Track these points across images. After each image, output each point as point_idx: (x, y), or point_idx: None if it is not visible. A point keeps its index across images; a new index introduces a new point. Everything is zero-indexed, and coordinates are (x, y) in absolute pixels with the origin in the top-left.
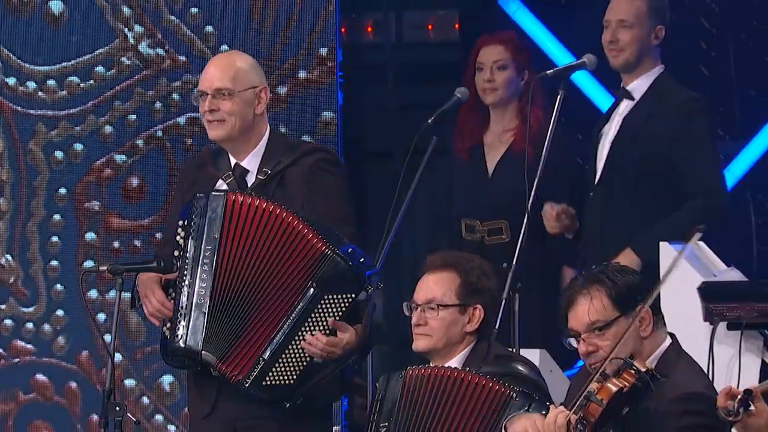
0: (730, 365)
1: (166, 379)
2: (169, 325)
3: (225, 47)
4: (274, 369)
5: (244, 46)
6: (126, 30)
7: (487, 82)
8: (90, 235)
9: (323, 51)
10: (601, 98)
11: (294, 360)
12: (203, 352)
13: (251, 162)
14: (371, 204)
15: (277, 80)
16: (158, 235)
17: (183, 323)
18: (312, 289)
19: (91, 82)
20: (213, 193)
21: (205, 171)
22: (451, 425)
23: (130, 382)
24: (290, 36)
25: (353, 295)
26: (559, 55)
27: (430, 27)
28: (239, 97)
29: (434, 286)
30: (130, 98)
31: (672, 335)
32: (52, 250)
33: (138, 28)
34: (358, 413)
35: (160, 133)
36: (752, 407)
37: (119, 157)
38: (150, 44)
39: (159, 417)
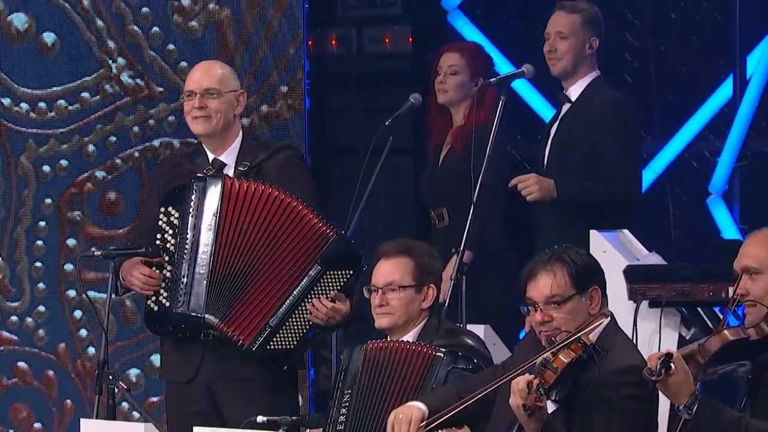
0: (651, 338)
1: (133, 372)
2: (154, 298)
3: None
4: (278, 335)
5: None
6: (110, 61)
7: (440, 84)
8: (71, 241)
9: (284, 89)
10: (538, 104)
11: (296, 328)
12: (206, 315)
13: (228, 157)
14: (335, 196)
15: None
16: (128, 242)
17: (184, 291)
18: (317, 266)
19: (78, 105)
20: (210, 177)
21: (182, 168)
22: (403, 390)
23: None
24: (256, 75)
25: (351, 272)
26: (501, 65)
27: (386, 40)
28: (225, 97)
29: (392, 270)
30: (111, 122)
31: (611, 313)
32: (37, 253)
33: (121, 61)
34: (324, 382)
35: (137, 154)
36: (672, 368)
37: (100, 174)
38: (131, 75)
39: (125, 404)
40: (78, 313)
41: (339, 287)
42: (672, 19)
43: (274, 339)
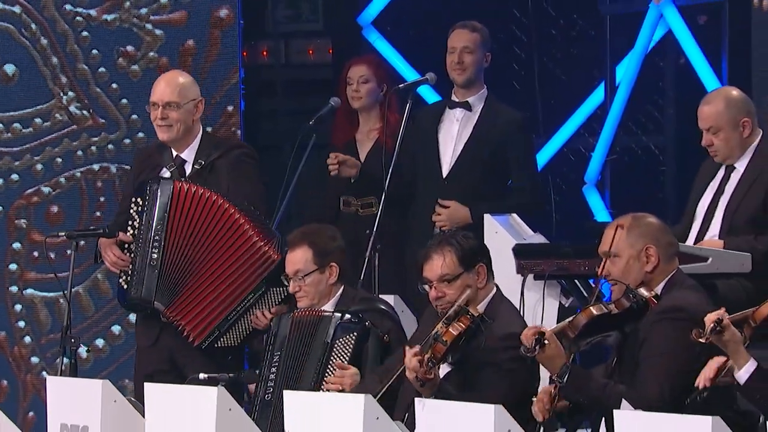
0: (536, 306)
1: (65, 360)
2: (125, 278)
3: (135, 116)
4: (224, 337)
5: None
6: (62, 94)
7: (354, 92)
8: (16, 245)
9: (230, 108)
10: None
11: (240, 332)
12: (155, 302)
13: (189, 155)
14: (265, 186)
15: None
16: (69, 251)
17: (139, 279)
18: (263, 285)
19: (31, 129)
20: (163, 179)
21: (152, 160)
22: (310, 346)
23: (35, 359)
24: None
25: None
26: (408, 73)
27: (310, 51)
28: (184, 108)
29: (296, 261)
30: (59, 145)
31: (496, 285)
32: None
33: (71, 93)
34: (257, 344)
35: (78, 174)
36: (545, 344)
37: (45, 189)
38: (78, 107)
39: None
40: (18, 307)
41: (279, 300)
42: (553, 34)
43: (221, 339)
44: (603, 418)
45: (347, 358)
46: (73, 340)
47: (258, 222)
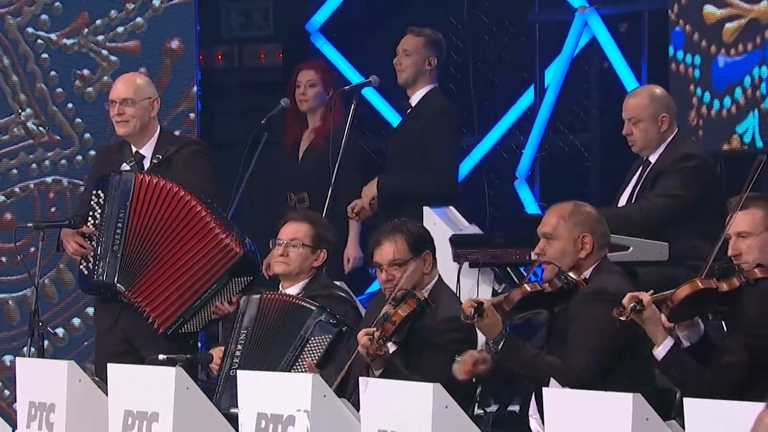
0: (471, 292)
1: (8, 357)
2: (85, 264)
3: (88, 135)
4: (189, 324)
5: (106, 133)
6: (20, 110)
7: (301, 95)
8: None
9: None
10: (383, 107)
11: (203, 318)
12: (117, 284)
13: (147, 150)
14: (220, 180)
15: None
16: (19, 257)
17: (102, 264)
18: (226, 276)
19: None
20: (124, 172)
21: (112, 157)
22: (283, 332)
23: None
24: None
25: (252, 278)
26: (353, 76)
27: (262, 56)
28: (140, 104)
29: (297, 229)
30: (15, 158)
31: (438, 273)
32: None
33: (29, 110)
34: (212, 329)
35: (32, 186)
36: (484, 312)
37: (0, 197)
38: (35, 123)
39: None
40: None
41: (240, 290)
42: (486, 40)
43: (185, 327)
44: (533, 394)
45: (317, 357)
46: (41, 324)
47: (218, 215)
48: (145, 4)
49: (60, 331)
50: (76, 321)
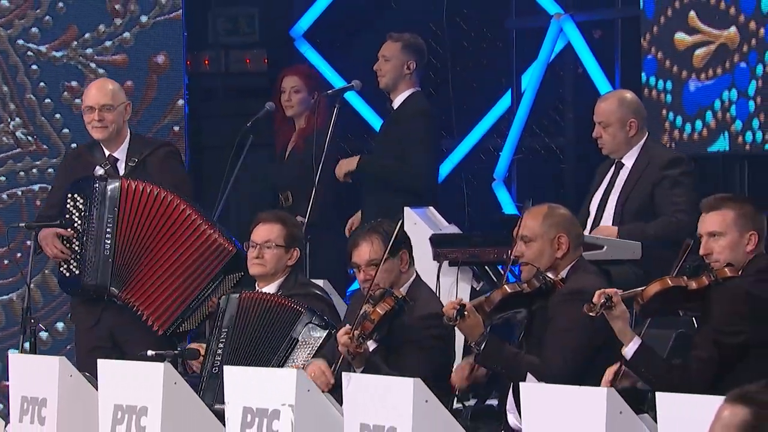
0: (450, 289)
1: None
2: (66, 266)
3: (74, 145)
4: (186, 322)
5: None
6: (9, 119)
7: (287, 101)
8: None
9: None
10: (365, 110)
11: (199, 316)
12: (111, 287)
13: (120, 153)
14: (207, 181)
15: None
16: (6, 261)
17: (92, 268)
18: (221, 275)
19: None
20: (110, 178)
21: (83, 159)
22: (269, 331)
23: None
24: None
25: (243, 273)
26: (335, 80)
27: (248, 61)
28: (117, 109)
29: (269, 231)
30: (3, 165)
31: (415, 271)
32: None
33: (18, 120)
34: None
35: (19, 193)
36: (465, 315)
37: None
38: (24, 132)
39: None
40: None
41: (232, 285)
42: (465, 46)
43: (183, 325)
44: (511, 389)
45: (309, 357)
46: (32, 320)
47: (206, 216)
48: (133, 19)
49: (44, 334)
50: (60, 325)
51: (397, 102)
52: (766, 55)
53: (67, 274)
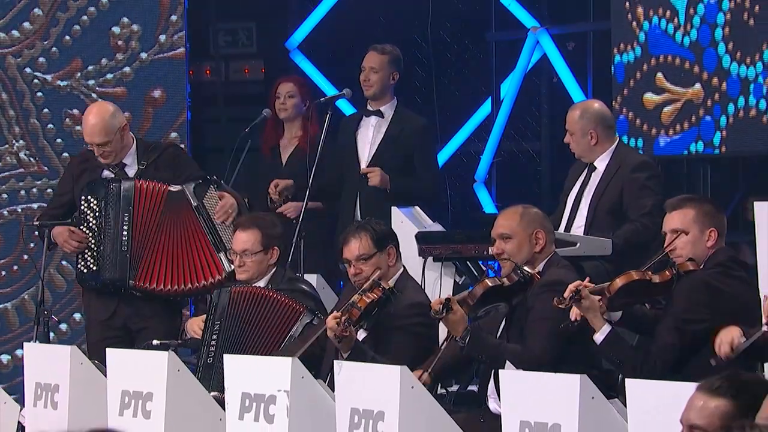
0: (434, 283)
1: (5, 357)
2: (83, 263)
3: None
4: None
5: None
6: (14, 141)
7: (281, 104)
8: None
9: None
10: None
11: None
12: (130, 280)
13: (128, 159)
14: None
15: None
16: (3, 273)
17: (110, 263)
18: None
19: None
20: (123, 180)
21: (90, 163)
22: (261, 326)
23: None
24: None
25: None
26: (328, 89)
27: (246, 70)
28: (114, 140)
29: (246, 240)
30: (5, 184)
31: (403, 265)
32: None
33: (21, 142)
34: (200, 314)
35: (19, 210)
36: (452, 309)
37: None
38: (26, 154)
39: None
40: None
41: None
42: (448, 57)
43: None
44: (492, 376)
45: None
46: (45, 312)
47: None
48: (134, 55)
49: (63, 326)
50: (77, 316)
51: (386, 111)
52: (729, 107)
53: (85, 270)
